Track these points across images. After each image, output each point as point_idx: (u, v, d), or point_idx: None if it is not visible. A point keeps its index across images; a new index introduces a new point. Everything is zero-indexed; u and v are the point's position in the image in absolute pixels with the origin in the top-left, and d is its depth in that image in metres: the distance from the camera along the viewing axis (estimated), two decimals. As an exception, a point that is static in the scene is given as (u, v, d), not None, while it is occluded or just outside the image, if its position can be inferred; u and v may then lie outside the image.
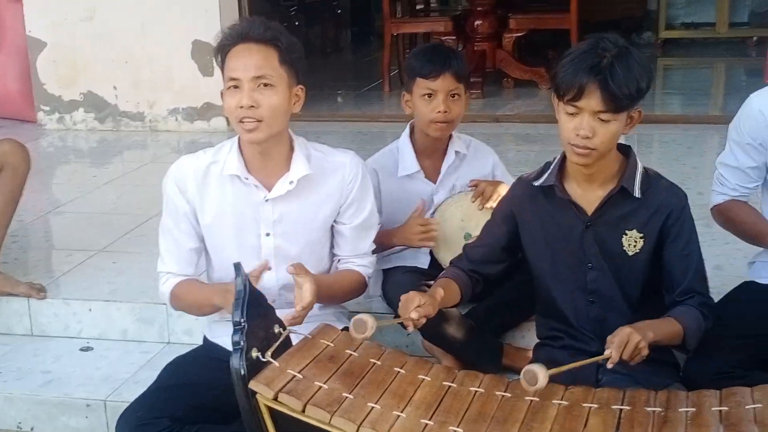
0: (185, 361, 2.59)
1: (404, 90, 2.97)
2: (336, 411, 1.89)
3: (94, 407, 2.92)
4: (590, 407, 1.96)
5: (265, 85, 2.36)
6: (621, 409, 1.94)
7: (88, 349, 3.27)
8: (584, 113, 2.15)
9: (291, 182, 2.48)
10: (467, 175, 3.00)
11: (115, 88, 6.20)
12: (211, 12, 5.85)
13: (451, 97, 2.86)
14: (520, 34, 7.13)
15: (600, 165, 2.25)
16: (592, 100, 2.13)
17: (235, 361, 1.96)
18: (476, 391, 2.04)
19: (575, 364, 2.04)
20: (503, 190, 2.78)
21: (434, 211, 2.97)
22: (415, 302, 2.17)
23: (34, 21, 6.20)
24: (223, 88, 2.43)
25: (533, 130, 5.77)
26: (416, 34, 7.79)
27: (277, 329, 2.12)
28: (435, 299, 2.24)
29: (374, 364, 2.09)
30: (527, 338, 2.89)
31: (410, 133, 3.02)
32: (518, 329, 2.96)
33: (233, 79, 2.38)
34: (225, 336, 2.12)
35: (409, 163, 2.99)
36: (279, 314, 2.20)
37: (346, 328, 2.53)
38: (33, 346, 3.31)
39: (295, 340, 2.16)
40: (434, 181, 3.01)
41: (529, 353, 2.64)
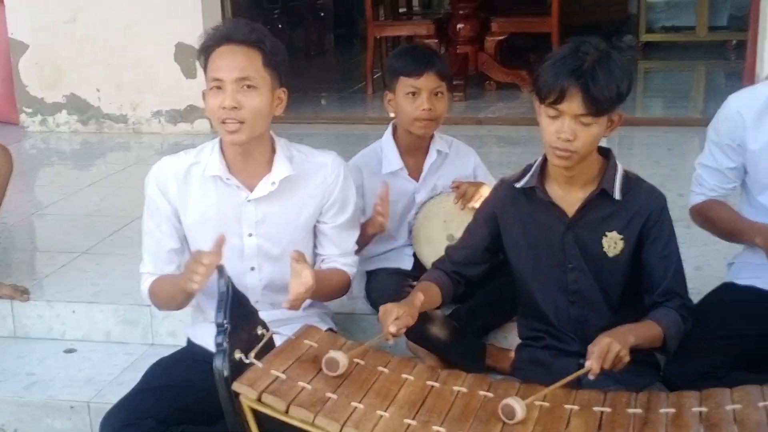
0: (169, 363, 2.58)
1: (387, 89, 2.99)
2: (320, 411, 1.90)
3: (78, 409, 2.92)
4: (572, 409, 1.97)
5: (248, 87, 2.36)
6: (602, 411, 1.95)
7: (71, 351, 3.27)
8: (565, 116, 2.16)
9: (273, 183, 2.48)
10: (449, 175, 3.02)
11: (98, 91, 6.17)
12: (195, 15, 5.84)
13: (435, 95, 2.89)
14: (502, 38, 7.15)
15: (581, 167, 2.27)
16: (574, 104, 2.14)
17: (218, 363, 1.96)
18: (459, 391, 2.05)
19: (556, 384, 2.01)
20: (485, 192, 2.80)
21: (417, 211, 2.99)
22: (393, 315, 2.17)
23: (16, 23, 6.16)
24: (205, 88, 2.43)
25: (515, 133, 5.78)
26: (399, 37, 7.80)
27: (260, 331, 2.13)
28: (414, 306, 2.25)
29: (358, 363, 2.10)
30: (510, 339, 2.91)
31: (393, 132, 3.04)
32: (501, 330, 2.98)
33: (216, 80, 2.37)
34: (208, 337, 2.12)
35: (393, 160, 3.01)
36: (262, 315, 2.21)
37: (330, 329, 2.54)
38: (17, 348, 3.30)
39: (278, 341, 2.17)
40: (417, 180, 3.04)
41: (512, 353, 2.66)
